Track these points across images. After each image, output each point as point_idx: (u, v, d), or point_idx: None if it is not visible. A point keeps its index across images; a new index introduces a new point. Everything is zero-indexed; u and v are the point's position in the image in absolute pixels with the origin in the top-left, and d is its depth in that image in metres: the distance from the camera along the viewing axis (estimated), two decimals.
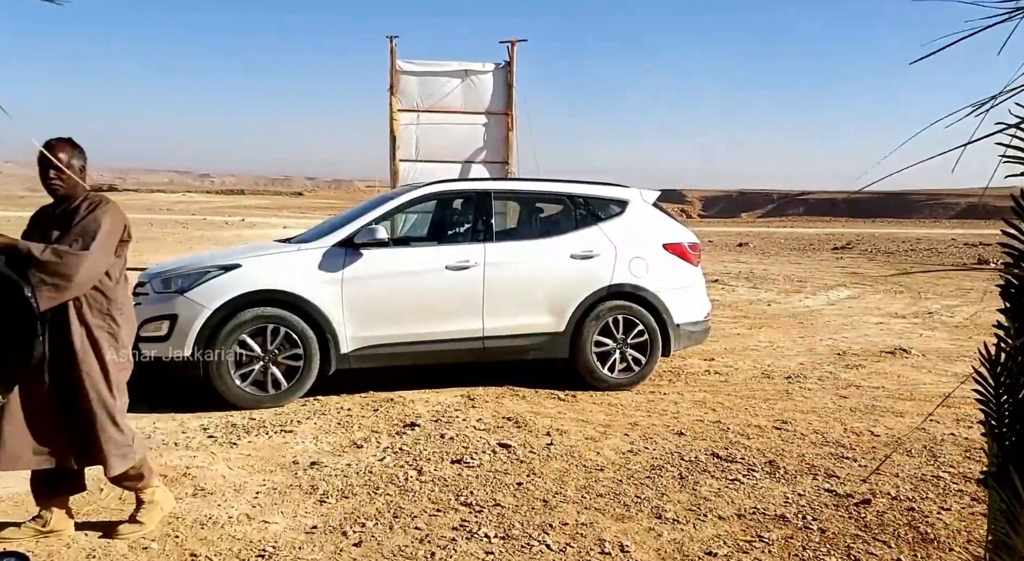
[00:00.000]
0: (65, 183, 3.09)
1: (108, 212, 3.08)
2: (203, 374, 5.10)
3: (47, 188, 3.11)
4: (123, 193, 66.05)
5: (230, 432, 4.70)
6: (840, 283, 13.67)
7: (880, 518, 3.57)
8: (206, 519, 3.46)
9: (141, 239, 19.75)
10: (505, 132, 11.97)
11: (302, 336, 5.23)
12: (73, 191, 3.12)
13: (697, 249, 6.33)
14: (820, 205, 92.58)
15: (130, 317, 3.26)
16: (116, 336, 3.13)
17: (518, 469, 4.14)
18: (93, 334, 3.05)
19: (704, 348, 7.34)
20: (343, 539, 3.27)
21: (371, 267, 5.43)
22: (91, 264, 2.95)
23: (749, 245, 24.08)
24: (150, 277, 5.45)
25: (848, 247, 23.97)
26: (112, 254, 3.10)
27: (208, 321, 5.07)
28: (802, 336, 8.40)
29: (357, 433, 4.73)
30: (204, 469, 4.08)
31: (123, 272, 3.26)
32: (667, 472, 4.13)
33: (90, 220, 3.02)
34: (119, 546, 3.17)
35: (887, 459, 4.36)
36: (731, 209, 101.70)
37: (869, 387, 6.11)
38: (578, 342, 5.81)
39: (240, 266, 5.28)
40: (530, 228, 6.50)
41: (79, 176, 3.12)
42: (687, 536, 3.35)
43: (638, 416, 5.23)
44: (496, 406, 5.38)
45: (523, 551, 3.19)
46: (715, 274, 14.56)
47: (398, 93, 11.70)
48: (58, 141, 3.09)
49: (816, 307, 10.79)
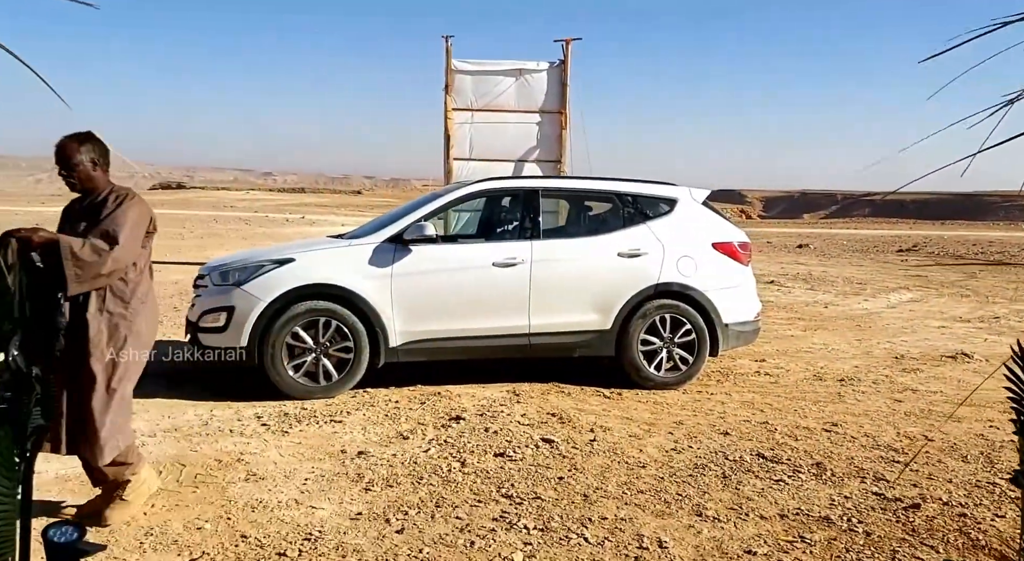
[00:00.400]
0: (79, 178, 3.18)
1: (134, 206, 3.19)
2: (258, 364, 5.28)
3: (66, 184, 3.23)
4: (190, 190, 68.29)
5: (283, 421, 4.85)
6: (903, 286, 13.26)
7: (929, 523, 3.48)
8: (257, 503, 3.59)
9: (205, 235, 20.42)
10: (559, 131, 11.98)
11: (352, 329, 5.36)
12: (93, 184, 3.22)
13: (747, 248, 6.26)
14: (887, 206, 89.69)
15: (151, 308, 3.33)
16: (133, 325, 3.20)
17: (560, 464, 4.17)
18: (112, 322, 3.14)
19: (755, 349, 7.24)
20: (386, 526, 3.36)
21: (419, 263, 5.54)
22: (121, 257, 3.07)
23: (809, 246, 23.51)
24: (209, 270, 5.66)
25: (914, 249, 23.20)
26: (139, 245, 3.20)
27: (263, 313, 5.24)
28: (859, 339, 8.20)
29: (404, 425, 4.83)
30: (257, 455, 4.23)
31: (148, 263, 3.35)
32: (710, 471, 4.10)
33: (118, 213, 3.13)
34: (175, 525, 3.32)
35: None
36: (793, 210, 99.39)
37: (926, 391, 5.94)
38: (624, 340, 5.80)
39: (294, 260, 5.44)
40: (578, 226, 6.52)
41: (91, 170, 3.20)
42: (727, 534, 3.34)
43: (683, 415, 5.20)
44: (541, 402, 5.42)
45: (561, 543, 3.22)
46: (771, 275, 14.30)
47: (453, 92, 11.84)
48: (68, 138, 3.17)
49: (875, 310, 10.50)
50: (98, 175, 3.25)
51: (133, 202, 3.21)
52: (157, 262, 13.54)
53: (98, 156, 3.24)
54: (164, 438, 4.48)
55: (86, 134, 3.23)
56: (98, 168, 3.24)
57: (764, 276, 13.83)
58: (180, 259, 14.19)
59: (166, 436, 4.51)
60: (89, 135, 3.23)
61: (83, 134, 3.22)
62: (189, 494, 3.67)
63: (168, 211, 33.69)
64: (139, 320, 3.24)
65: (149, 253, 3.36)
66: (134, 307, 3.23)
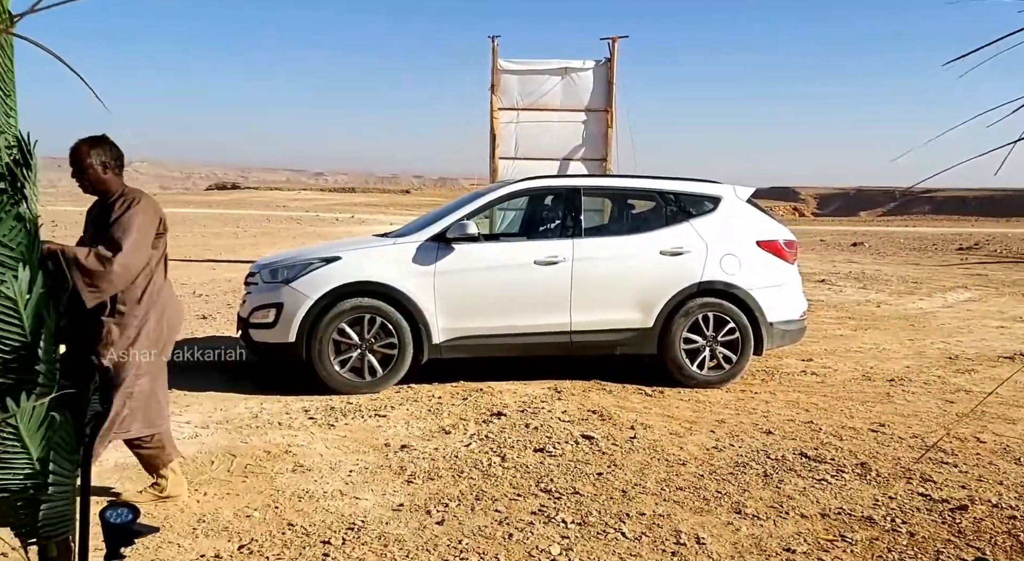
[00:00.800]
0: (90, 180, 3.25)
1: (140, 210, 3.23)
2: (306, 360, 5.42)
3: (79, 186, 3.31)
4: (245, 191, 69.99)
5: (329, 414, 4.99)
6: (960, 285, 12.86)
7: (977, 525, 3.41)
8: (303, 493, 3.71)
9: (259, 234, 20.95)
10: (604, 129, 11.94)
11: (397, 326, 5.47)
12: (104, 187, 3.28)
13: (793, 246, 6.17)
14: (949, 203, 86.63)
15: (164, 306, 3.38)
16: (145, 324, 3.27)
17: (599, 460, 4.20)
18: (121, 322, 3.21)
19: (802, 348, 7.13)
20: (427, 517, 3.44)
21: (462, 261, 5.62)
22: (127, 264, 3.12)
23: (864, 245, 22.92)
24: (260, 268, 5.84)
25: (976, 247, 22.42)
26: (148, 248, 3.26)
27: (311, 310, 5.38)
28: (911, 339, 8.00)
29: (446, 420, 4.91)
30: (304, 447, 4.36)
31: (160, 262, 3.40)
32: (751, 469, 4.08)
33: (123, 219, 3.18)
34: (226, 513, 3.46)
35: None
36: (849, 207, 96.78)
37: (980, 393, 5.78)
38: (667, 338, 5.79)
39: (340, 259, 5.58)
40: (620, 224, 6.52)
41: (101, 173, 3.25)
42: (766, 532, 3.33)
43: (726, 414, 5.17)
44: (582, 399, 5.44)
45: (599, 537, 3.25)
46: (822, 274, 14.02)
47: (499, 92, 11.90)
48: (81, 142, 3.24)
49: (930, 309, 10.22)
50: (109, 178, 3.29)
51: (139, 206, 3.24)
52: (212, 261, 13.93)
53: (110, 159, 3.27)
54: (216, 430, 4.65)
55: (99, 138, 3.28)
56: (109, 171, 3.28)
57: (815, 275, 13.56)
58: (234, 257, 14.60)
59: (218, 428, 4.68)
60: (102, 138, 3.29)
61: (96, 138, 3.28)
62: (239, 483, 3.82)
63: (223, 211, 34.58)
64: (151, 319, 3.31)
65: (162, 252, 3.42)
66: (144, 306, 3.29)
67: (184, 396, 5.30)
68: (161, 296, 3.40)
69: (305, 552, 3.09)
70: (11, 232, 1.44)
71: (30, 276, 1.45)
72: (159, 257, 3.41)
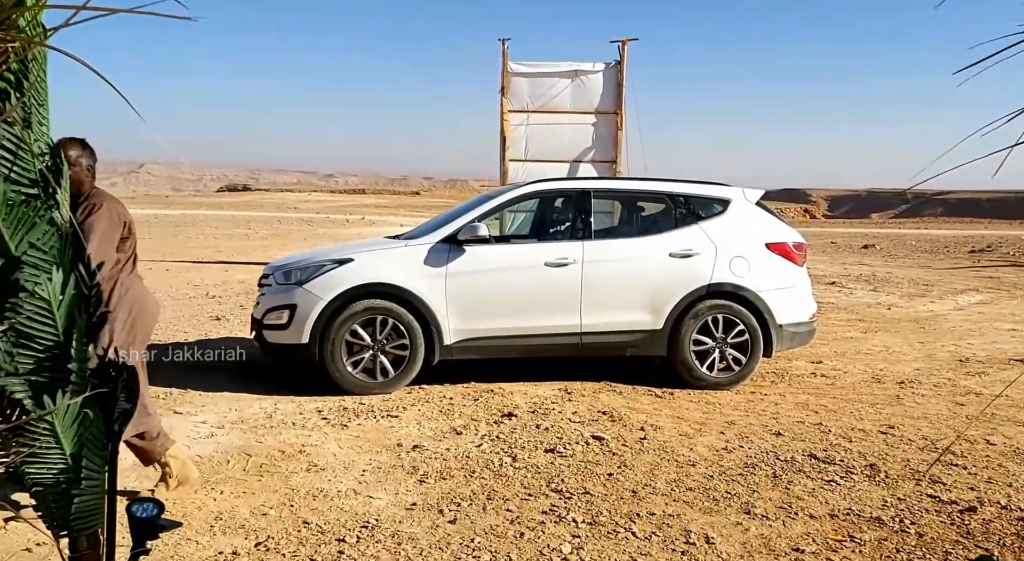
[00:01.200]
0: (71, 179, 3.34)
1: (101, 217, 3.27)
2: (319, 360, 5.49)
3: None
4: (256, 192, 70.32)
5: (342, 415, 5.05)
6: (972, 287, 12.81)
7: (986, 526, 3.43)
8: (317, 492, 3.77)
9: (270, 236, 21.06)
10: (614, 131, 11.98)
11: (408, 327, 5.53)
12: (78, 188, 3.29)
13: (802, 249, 6.20)
14: (962, 205, 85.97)
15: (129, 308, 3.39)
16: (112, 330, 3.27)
17: (610, 461, 4.24)
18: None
19: (812, 350, 7.15)
20: (439, 516, 3.49)
21: (473, 263, 5.67)
22: None
23: (875, 247, 22.84)
24: (273, 269, 5.91)
25: (988, 250, 22.30)
26: (112, 253, 3.30)
27: (324, 311, 5.45)
28: (922, 341, 8.00)
29: (457, 420, 4.96)
30: (317, 447, 4.42)
31: (126, 265, 3.43)
32: (760, 470, 4.11)
33: (85, 225, 3.20)
34: (242, 511, 3.52)
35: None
36: (860, 209, 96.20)
37: (991, 395, 5.78)
38: (676, 340, 5.83)
39: (352, 261, 5.64)
40: (630, 226, 6.57)
41: (83, 175, 3.28)
42: (775, 532, 3.36)
43: (735, 415, 5.20)
44: (592, 400, 5.48)
45: (609, 537, 3.30)
46: (833, 276, 14.00)
47: (509, 94, 11.96)
48: (70, 140, 3.27)
49: (941, 312, 10.20)
50: (87, 180, 3.35)
51: (101, 212, 3.28)
52: (225, 262, 14.02)
53: (91, 163, 3.34)
54: (231, 430, 4.71)
55: (83, 140, 3.35)
56: (87, 174, 3.34)
57: (825, 277, 13.55)
58: (246, 259, 14.70)
59: (233, 428, 4.75)
60: (85, 141, 3.35)
61: (82, 140, 3.34)
62: (255, 482, 3.88)
63: (235, 213, 34.76)
64: (118, 320, 3.33)
65: (129, 255, 3.45)
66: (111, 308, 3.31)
67: (199, 396, 5.37)
68: (129, 295, 3.43)
69: (320, 549, 3.14)
70: (45, 236, 1.49)
71: (63, 278, 1.51)
72: (127, 259, 3.45)
